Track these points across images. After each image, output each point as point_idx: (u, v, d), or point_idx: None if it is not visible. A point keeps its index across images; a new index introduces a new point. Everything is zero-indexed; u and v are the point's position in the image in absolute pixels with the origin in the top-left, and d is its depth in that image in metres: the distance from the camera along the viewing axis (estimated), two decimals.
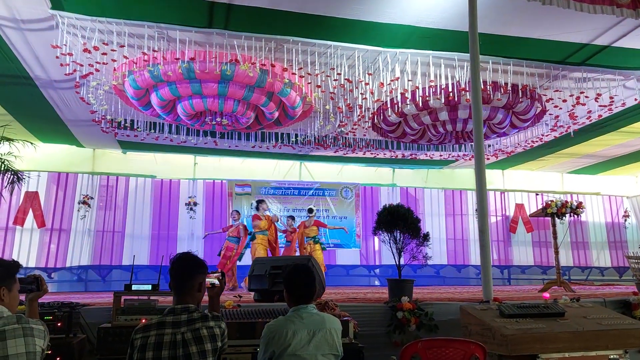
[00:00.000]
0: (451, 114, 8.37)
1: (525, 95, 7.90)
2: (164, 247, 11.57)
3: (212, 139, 10.00)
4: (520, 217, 13.72)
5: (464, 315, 4.58)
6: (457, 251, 13.38)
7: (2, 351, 2.32)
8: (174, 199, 12.02)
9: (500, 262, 13.53)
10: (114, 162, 11.68)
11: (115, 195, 11.61)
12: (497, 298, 5.42)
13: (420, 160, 12.37)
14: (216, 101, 7.43)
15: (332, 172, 13.14)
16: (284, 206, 12.52)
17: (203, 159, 12.28)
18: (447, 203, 13.67)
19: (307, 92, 7.84)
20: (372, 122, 9.33)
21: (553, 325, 4.09)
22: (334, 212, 12.75)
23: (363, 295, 7.76)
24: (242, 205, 12.30)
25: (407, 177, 13.57)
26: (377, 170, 13.43)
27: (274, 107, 7.89)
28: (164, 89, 7.26)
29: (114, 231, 11.44)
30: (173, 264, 2.76)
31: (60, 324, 4.33)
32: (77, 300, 5.49)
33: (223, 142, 10.21)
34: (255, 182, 12.48)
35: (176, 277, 2.75)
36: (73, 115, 8.92)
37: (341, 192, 12.97)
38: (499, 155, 11.64)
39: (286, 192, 12.66)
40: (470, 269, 13.26)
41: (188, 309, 2.68)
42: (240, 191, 12.33)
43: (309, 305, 3.04)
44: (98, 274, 11.19)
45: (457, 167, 13.27)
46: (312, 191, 12.79)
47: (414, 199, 13.49)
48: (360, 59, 6.92)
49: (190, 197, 11.92)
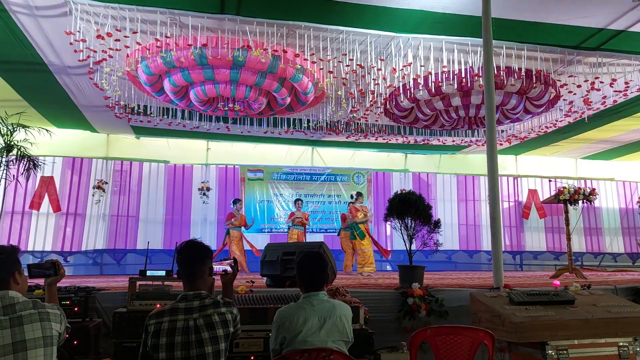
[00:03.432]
0: (464, 99, 8.31)
1: (539, 81, 7.82)
2: (177, 231, 11.68)
3: (225, 125, 10.04)
4: (533, 202, 13.63)
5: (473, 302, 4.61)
6: (469, 237, 13.36)
7: (20, 335, 2.38)
8: (187, 184, 12.10)
9: (512, 247, 13.48)
10: (127, 147, 11.78)
11: (129, 180, 11.71)
12: (508, 285, 5.43)
13: (432, 146, 12.33)
14: (228, 87, 7.44)
15: (344, 158, 13.13)
16: (296, 192, 12.56)
17: (216, 145, 12.34)
18: (460, 188, 13.62)
19: (319, 78, 7.82)
20: (384, 108, 9.30)
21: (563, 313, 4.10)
22: (345, 198, 12.76)
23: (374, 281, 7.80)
24: (255, 191, 12.37)
25: (419, 163, 13.54)
26: (390, 156, 13.40)
27: (286, 93, 7.89)
28: (177, 75, 7.29)
29: (128, 216, 11.57)
30: (180, 252, 2.80)
31: (77, 309, 4.42)
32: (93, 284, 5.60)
33: (235, 128, 10.25)
34: (268, 168, 12.53)
35: (185, 263, 2.79)
36: (87, 100, 8.99)
37: (353, 178, 12.98)
38: (512, 141, 11.56)
39: (298, 177, 12.69)
40: (482, 255, 13.25)
41: (200, 295, 2.72)
42: (253, 176, 12.40)
43: (320, 292, 3.07)
44: (113, 258, 11.34)
45: (469, 152, 13.20)
46: (324, 177, 12.81)
47: (426, 185, 13.46)
48: (373, 45, 6.88)
49: (203, 182, 11.99)
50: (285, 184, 12.61)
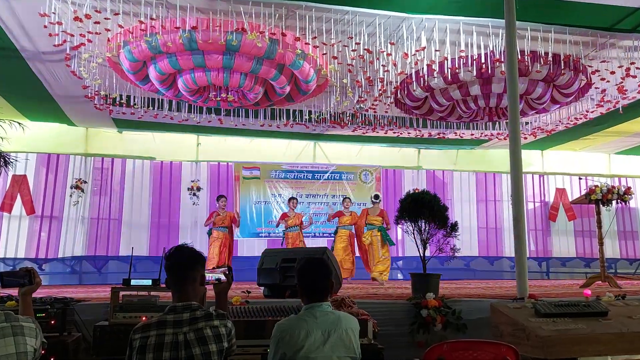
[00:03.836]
0: (484, 87, 8.30)
1: (568, 67, 7.80)
2: (165, 236, 11.71)
3: (217, 117, 10.04)
4: (561, 203, 13.62)
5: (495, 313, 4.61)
6: (490, 241, 13.34)
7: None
8: (175, 183, 12.12)
9: (538, 253, 13.47)
10: (109, 143, 11.80)
11: (110, 179, 11.73)
12: (533, 294, 5.43)
13: (448, 140, 12.31)
14: (221, 75, 7.44)
15: (349, 154, 13.13)
16: (297, 191, 12.57)
17: (207, 139, 12.35)
18: (479, 187, 13.60)
19: (322, 64, 7.82)
20: (394, 98, 9.30)
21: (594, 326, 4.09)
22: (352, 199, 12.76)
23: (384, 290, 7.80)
24: (250, 190, 12.38)
25: (434, 159, 13.52)
26: (401, 151, 13.39)
27: (285, 81, 7.89)
28: (163, 61, 7.29)
29: (109, 219, 11.59)
30: (169, 258, 2.81)
31: (54, 322, 4.43)
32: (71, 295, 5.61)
33: (229, 120, 10.25)
34: (265, 165, 12.53)
35: (174, 271, 2.80)
36: (64, 90, 9.00)
37: (360, 176, 12.98)
38: (537, 134, 11.54)
39: (299, 175, 12.70)
40: (504, 262, 13.23)
41: (190, 306, 2.73)
42: (248, 174, 12.41)
43: (323, 303, 3.07)
44: (93, 266, 11.37)
45: (490, 147, 13.18)
46: (327, 174, 12.82)
47: (441, 183, 13.44)
48: (382, 27, 6.87)
49: (193, 181, 12.01)
50: (284, 182, 12.62)
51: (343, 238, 10.88)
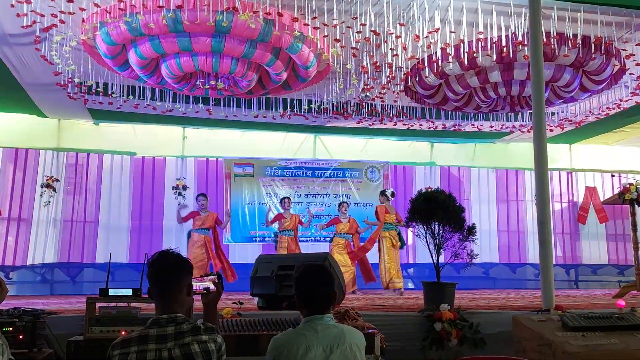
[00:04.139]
0: (505, 74, 8.30)
1: (599, 50, 7.79)
2: (147, 241, 11.70)
3: (205, 107, 10.04)
4: (592, 203, 13.61)
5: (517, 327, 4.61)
6: (512, 246, 13.34)
7: None
8: (158, 182, 12.12)
9: (565, 260, 13.47)
10: (84, 136, 11.77)
11: (86, 176, 11.72)
12: (560, 306, 5.43)
13: (465, 133, 12.31)
14: (209, 60, 7.44)
15: (354, 148, 13.13)
16: (295, 190, 12.57)
17: (194, 132, 12.34)
18: (499, 186, 13.60)
19: (323, 48, 7.81)
20: (404, 85, 9.29)
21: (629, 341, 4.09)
22: (356, 198, 12.77)
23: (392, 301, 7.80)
24: (243, 189, 12.38)
25: (448, 154, 13.52)
26: (411, 146, 13.39)
27: (282, 67, 7.89)
28: (145, 44, 7.29)
29: (85, 221, 11.59)
30: (152, 265, 2.81)
31: (22, 337, 4.42)
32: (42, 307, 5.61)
33: (218, 111, 10.24)
34: (259, 161, 12.53)
35: (157, 280, 2.80)
36: (33, 77, 9.00)
37: (366, 173, 12.98)
38: (565, 126, 11.54)
39: (297, 172, 12.70)
40: (528, 269, 13.23)
41: (176, 319, 2.73)
42: (241, 172, 12.42)
43: (325, 315, 3.07)
44: (66, 274, 11.37)
45: (512, 140, 13.17)
46: (329, 171, 12.82)
47: (457, 181, 13.44)
48: (390, 5, 6.87)
49: (178, 179, 12.00)
50: (280, 181, 12.62)
51: (339, 247, 10.86)
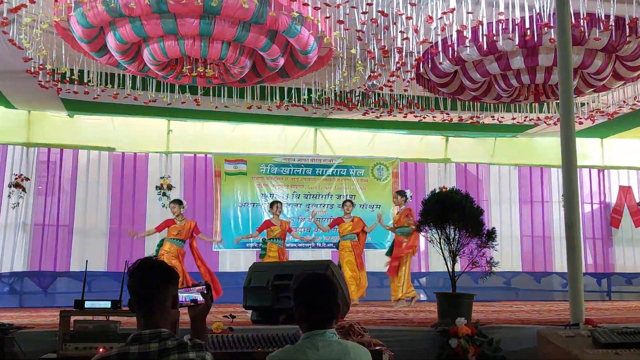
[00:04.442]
0: (528, 59, 8.29)
1: (634, 33, 7.78)
2: (128, 247, 11.68)
3: (193, 97, 10.04)
4: (626, 205, 13.60)
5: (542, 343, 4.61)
6: (536, 253, 13.33)
7: None
8: (140, 181, 12.13)
9: (596, 268, 13.46)
10: (57, 129, 11.79)
11: (59, 175, 11.73)
12: (591, 320, 5.43)
13: (484, 126, 12.30)
14: (197, 44, 7.43)
15: (359, 143, 13.15)
16: (293, 191, 12.57)
17: (180, 125, 12.35)
18: (523, 185, 13.59)
19: (325, 31, 7.81)
20: (416, 72, 9.29)
21: None
22: (362, 199, 12.76)
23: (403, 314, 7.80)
24: (235, 189, 12.38)
25: (465, 150, 13.54)
26: (424, 140, 13.40)
27: (278, 52, 7.89)
28: (125, 27, 7.28)
29: (58, 225, 11.59)
30: (133, 274, 2.81)
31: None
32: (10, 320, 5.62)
33: (207, 102, 10.24)
34: (253, 157, 12.53)
35: (139, 291, 2.80)
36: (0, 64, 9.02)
37: (373, 171, 12.97)
38: (596, 118, 11.53)
39: (295, 170, 12.68)
40: (554, 279, 13.23)
41: (160, 335, 2.73)
42: (232, 169, 12.40)
43: (327, 331, 3.07)
44: (37, 284, 11.37)
45: (536, 134, 13.17)
46: (331, 169, 12.81)
47: (475, 180, 13.44)
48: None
49: (162, 177, 12.01)
50: (277, 179, 12.62)
51: (346, 251, 10.94)
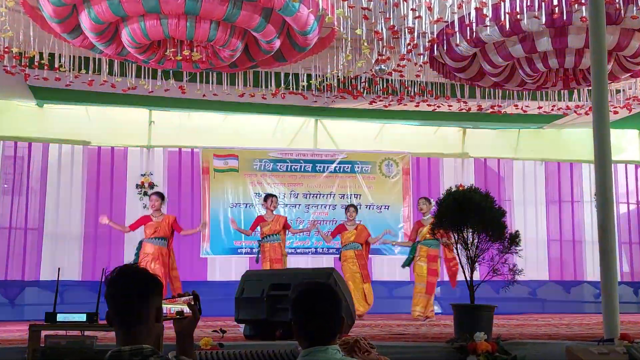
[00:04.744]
0: (556, 41, 8.29)
1: None
2: (104, 253, 11.70)
3: (177, 84, 10.04)
4: None
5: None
6: (565, 260, 13.32)
7: None
8: (118, 179, 12.12)
9: (633, 277, 13.46)
10: (24, 121, 11.81)
11: (27, 172, 11.74)
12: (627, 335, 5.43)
13: (506, 116, 12.29)
14: (182, 24, 7.43)
15: (366, 136, 13.18)
16: (291, 190, 12.56)
17: (163, 116, 12.39)
18: (550, 183, 13.58)
19: (327, 9, 7.82)
20: (430, 56, 9.29)
21: None
22: (369, 199, 12.75)
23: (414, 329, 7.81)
24: (225, 187, 12.38)
25: (485, 143, 13.55)
26: (439, 132, 13.42)
27: (274, 33, 7.88)
28: (101, 4, 7.27)
29: (26, 228, 11.60)
30: (111, 283, 2.82)
31: None
32: None
33: (194, 89, 10.23)
34: (246, 152, 12.53)
35: (118, 302, 2.81)
36: None
37: (381, 167, 12.95)
38: (633, 107, 11.53)
39: (293, 166, 12.66)
40: (585, 288, 13.22)
41: (142, 351, 2.74)
42: (222, 165, 12.38)
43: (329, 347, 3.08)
44: (3, 295, 11.38)
45: (565, 125, 13.16)
46: (334, 165, 12.80)
47: (496, 177, 13.43)
48: None
49: (144, 174, 12.00)
50: (273, 177, 12.61)
51: (349, 262, 10.95)
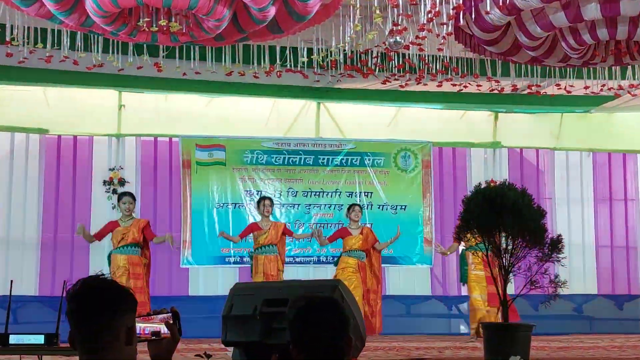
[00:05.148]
0: (606, 7, 8.27)
1: None
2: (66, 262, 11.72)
3: (152, 61, 10.02)
4: None
5: None
6: (617, 270, 13.32)
7: None
8: (82, 174, 12.14)
9: None
10: None
11: None
12: None
13: (546, 98, 12.27)
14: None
15: (378, 122, 13.21)
16: (288, 187, 12.54)
17: (135, 98, 12.40)
18: (599, 178, 13.58)
19: None
20: (454, 26, 9.28)
21: None
22: (382, 198, 12.74)
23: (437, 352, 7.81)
24: (210, 184, 12.36)
25: (521, 130, 13.56)
26: (465, 117, 13.44)
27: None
28: None
29: None
30: (74, 299, 2.79)
31: None
32: None
33: (172, 66, 10.22)
34: (234, 142, 12.53)
35: (83, 321, 2.78)
36: None
37: (396, 160, 12.92)
38: None
39: (291, 159, 12.66)
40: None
41: None
42: (206, 158, 12.36)
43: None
44: None
45: (617, 108, 13.16)
46: (340, 157, 12.77)
47: (534, 171, 13.43)
48: None
49: (112, 169, 12.01)
50: (267, 171, 12.62)
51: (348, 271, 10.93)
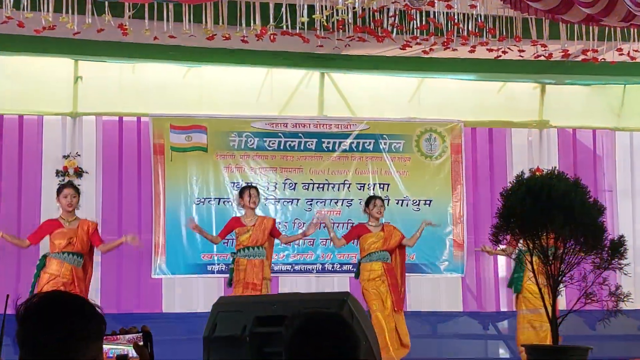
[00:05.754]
0: None
1: None
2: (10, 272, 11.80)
3: (116, 22, 10.05)
4: None
5: None
6: None
7: None
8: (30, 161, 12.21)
9: None
10: None
11: None
12: None
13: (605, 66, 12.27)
14: None
15: (396, 96, 13.26)
16: (285, 177, 12.57)
17: (96, 68, 12.48)
18: None
19: None
20: None
21: None
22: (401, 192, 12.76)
23: None
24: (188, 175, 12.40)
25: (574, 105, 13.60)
26: (504, 91, 13.47)
27: None
28: None
29: None
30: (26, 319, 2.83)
31: None
32: None
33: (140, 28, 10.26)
34: (218, 122, 12.61)
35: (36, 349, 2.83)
36: None
37: (418, 143, 12.96)
38: None
39: (289, 143, 12.71)
40: None
41: None
42: (183, 141, 12.40)
43: None
44: None
45: None
46: (349, 140, 12.79)
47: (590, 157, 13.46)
48: None
49: (67, 156, 12.06)
50: (258, 158, 12.69)
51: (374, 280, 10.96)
